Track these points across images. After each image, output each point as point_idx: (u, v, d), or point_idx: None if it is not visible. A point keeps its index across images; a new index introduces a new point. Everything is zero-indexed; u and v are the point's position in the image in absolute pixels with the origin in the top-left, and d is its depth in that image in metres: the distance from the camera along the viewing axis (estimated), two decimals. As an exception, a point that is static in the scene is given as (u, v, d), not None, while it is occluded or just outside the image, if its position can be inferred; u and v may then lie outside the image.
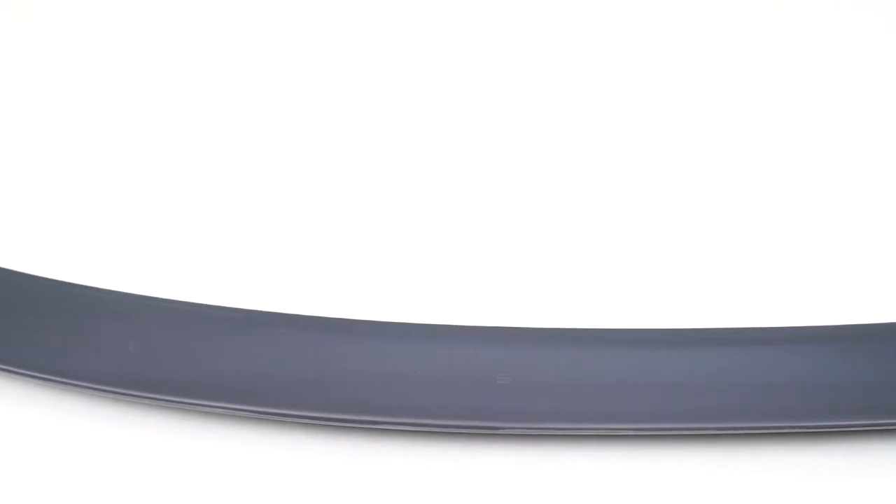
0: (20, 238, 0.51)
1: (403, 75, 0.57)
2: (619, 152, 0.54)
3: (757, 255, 0.50)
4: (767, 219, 0.51)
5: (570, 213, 0.52)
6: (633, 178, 0.53)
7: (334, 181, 0.53)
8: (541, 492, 0.45)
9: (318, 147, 0.54)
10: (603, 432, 0.45)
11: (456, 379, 0.45)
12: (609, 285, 0.49)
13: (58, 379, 0.45)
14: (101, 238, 0.51)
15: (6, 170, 0.54)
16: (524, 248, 0.51)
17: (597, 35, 0.59)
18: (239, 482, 0.46)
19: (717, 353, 0.45)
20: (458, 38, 0.59)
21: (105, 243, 0.51)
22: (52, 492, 0.45)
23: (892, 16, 0.58)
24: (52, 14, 0.60)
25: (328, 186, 0.53)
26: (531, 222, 0.52)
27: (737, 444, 0.45)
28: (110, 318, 0.46)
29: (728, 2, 0.59)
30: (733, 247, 0.50)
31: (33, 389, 0.47)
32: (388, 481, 0.45)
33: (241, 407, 0.45)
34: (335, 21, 0.59)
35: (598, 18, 0.59)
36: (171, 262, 0.50)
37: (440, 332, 0.46)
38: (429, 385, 0.45)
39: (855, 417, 0.44)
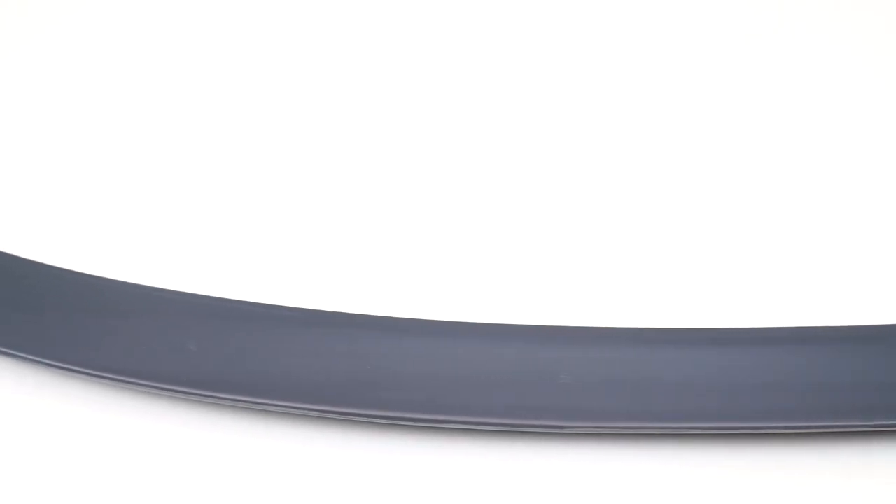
0: (81, 239, 0.52)
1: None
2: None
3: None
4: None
5: (627, 215, 0.52)
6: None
7: (394, 183, 0.54)
8: (604, 490, 0.45)
9: (370, 147, 0.55)
10: (666, 431, 0.45)
11: (519, 378, 0.45)
12: (669, 284, 0.50)
13: (122, 378, 0.46)
14: (162, 238, 0.52)
15: (72, 175, 0.55)
16: (584, 247, 0.51)
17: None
18: (304, 481, 0.46)
19: (792, 351, 0.45)
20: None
21: (164, 243, 0.52)
22: (124, 492, 0.46)
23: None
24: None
25: (391, 189, 0.54)
26: (590, 222, 0.52)
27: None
28: (171, 318, 0.46)
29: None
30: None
31: (97, 389, 0.48)
32: (452, 479, 0.46)
33: (309, 406, 0.45)
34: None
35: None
36: (231, 263, 0.51)
37: (503, 331, 0.46)
38: (493, 384, 0.45)
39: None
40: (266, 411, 0.46)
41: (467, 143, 0.55)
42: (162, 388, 0.45)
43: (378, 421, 0.45)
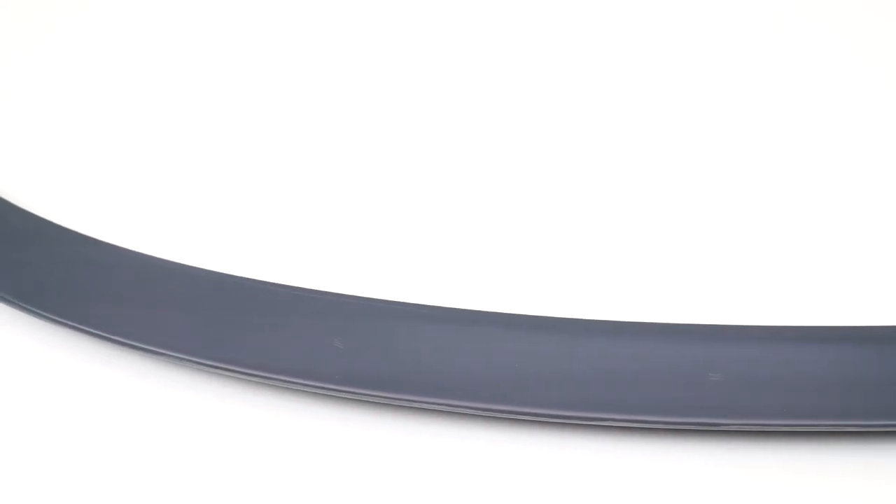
0: (229, 242, 0.55)
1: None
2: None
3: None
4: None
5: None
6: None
7: (529, 183, 0.56)
8: (757, 486, 0.46)
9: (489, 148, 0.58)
10: (815, 428, 0.46)
11: (669, 376, 0.46)
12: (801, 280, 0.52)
13: (272, 376, 0.48)
14: (304, 240, 0.55)
15: (227, 180, 0.58)
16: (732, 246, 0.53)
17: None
18: (455, 479, 0.47)
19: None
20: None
21: (307, 245, 0.55)
22: (272, 491, 0.48)
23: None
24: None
25: (526, 190, 0.56)
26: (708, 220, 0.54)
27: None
28: (318, 318, 0.49)
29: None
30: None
31: (247, 388, 0.50)
32: (603, 477, 0.47)
33: (456, 403, 0.47)
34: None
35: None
36: (369, 261, 0.54)
37: (653, 330, 0.47)
38: (643, 382, 0.46)
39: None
40: (413, 408, 0.48)
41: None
42: (310, 386, 0.48)
43: (530, 419, 0.47)
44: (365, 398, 0.48)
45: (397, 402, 0.47)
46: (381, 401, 0.48)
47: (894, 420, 0.45)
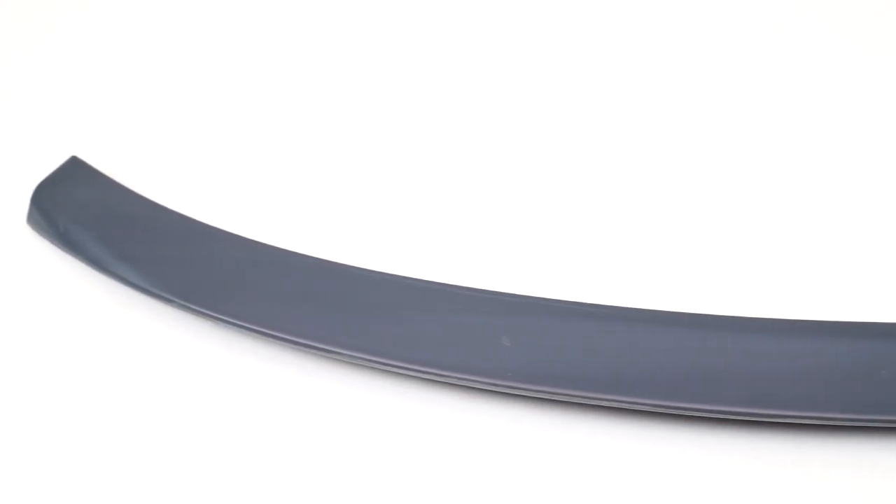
0: (398, 242, 0.56)
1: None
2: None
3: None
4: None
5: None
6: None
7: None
8: None
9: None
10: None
11: (839, 373, 0.47)
12: None
13: (438, 372, 0.49)
14: (471, 237, 0.56)
15: (391, 180, 0.59)
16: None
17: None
18: (630, 478, 0.48)
19: None
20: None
21: (474, 243, 0.56)
22: (446, 487, 0.49)
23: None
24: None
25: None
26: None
27: None
28: (484, 316, 0.50)
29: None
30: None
31: (417, 385, 0.51)
32: (778, 475, 0.48)
33: (621, 399, 0.48)
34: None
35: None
36: (534, 261, 0.54)
37: (821, 328, 0.48)
38: (815, 379, 0.47)
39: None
40: (576, 403, 0.49)
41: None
42: (478, 382, 0.49)
43: (695, 414, 0.47)
44: (531, 394, 0.48)
45: (563, 398, 0.48)
46: (548, 396, 0.48)
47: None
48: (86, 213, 0.58)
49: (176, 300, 0.54)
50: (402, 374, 0.51)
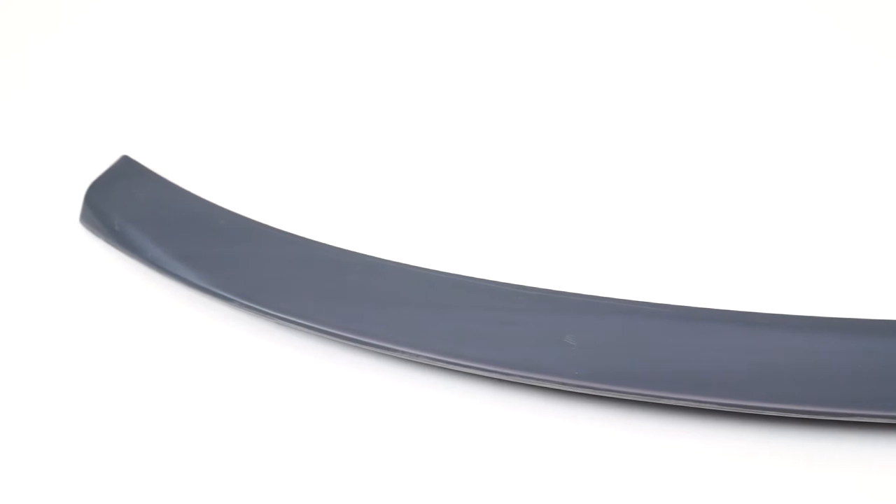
0: (465, 243, 0.56)
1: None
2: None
3: None
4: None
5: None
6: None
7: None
8: None
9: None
10: None
11: None
12: None
13: (503, 371, 0.50)
14: (538, 238, 0.56)
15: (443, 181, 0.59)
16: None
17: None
18: (706, 478, 0.48)
19: None
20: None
21: (539, 244, 0.56)
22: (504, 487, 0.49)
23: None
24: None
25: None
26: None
27: None
28: (549, 315, 0.50)
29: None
30: None
31: (479, 383, 0.51)
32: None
33: (685, 398, 0.48)
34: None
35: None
36: (598, 261, 0.55)
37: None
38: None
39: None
40: (638, 402, 0.49)
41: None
42: (543, 380, 0.49)
43: (775, 413, 0.48)
44: (595, 392, 0.49)
45: (627, 397, 0.48)
46: (612, 395, 0.49)
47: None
48: (139, 211, 0.59)
49: (234, 298, 0.54)
50: (466, 373, 0.51)
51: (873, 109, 0.59)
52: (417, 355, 0.51)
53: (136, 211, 0.59)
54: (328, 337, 0.53)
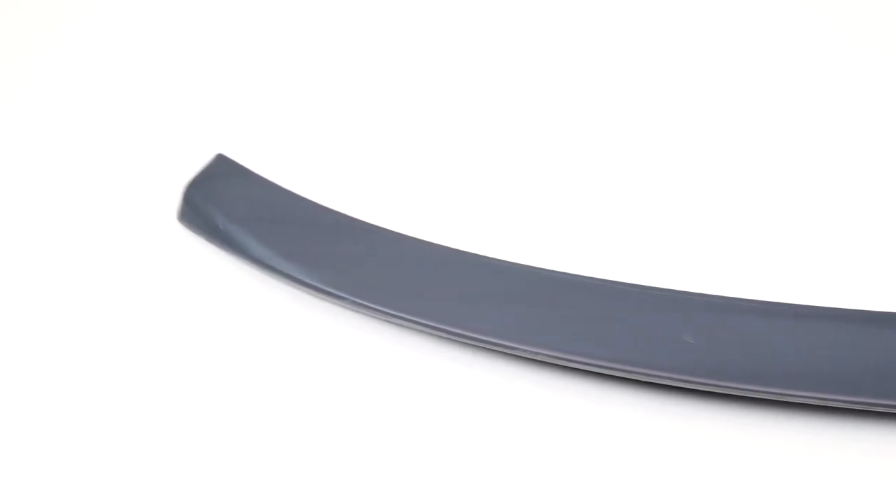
0: (584, 243, 0.57)
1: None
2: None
3: None
4: None
5: None
6: None
7: None
8: None
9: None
10: None
11: None
12: None
13: (625, 368, 0.50)
14: (650, 236, 0.56)
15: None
16: None
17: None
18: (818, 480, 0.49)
19: None
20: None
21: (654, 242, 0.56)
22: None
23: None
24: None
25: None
26: None
27: None
28: (667, 314, 0.51)
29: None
30: None
31: (596, 382, 0.52)
32: None
33: (803, 394, 0.49)
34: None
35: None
36: (713, 260, 0.55)
37: None
38: None
39: None
40: (755, 399, 0.50)
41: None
42: (664, 377, 0.50)
43: (887, 410, 0.48)
44: (714, 389, 0.49)
45: (744, 394, 0.49)
46: (731, 392, 0.49)
47: None
48: (241, 210, 0.59)
49: (347, 296, 0.54)
50: (584, 371, 0.51)
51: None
52: (537, 353, 0.51)
53: (238, 209, 0.59)
54: (439, 334, 0.53)
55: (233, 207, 0.59)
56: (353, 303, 0.54)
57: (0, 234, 0.61)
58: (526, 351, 0.51)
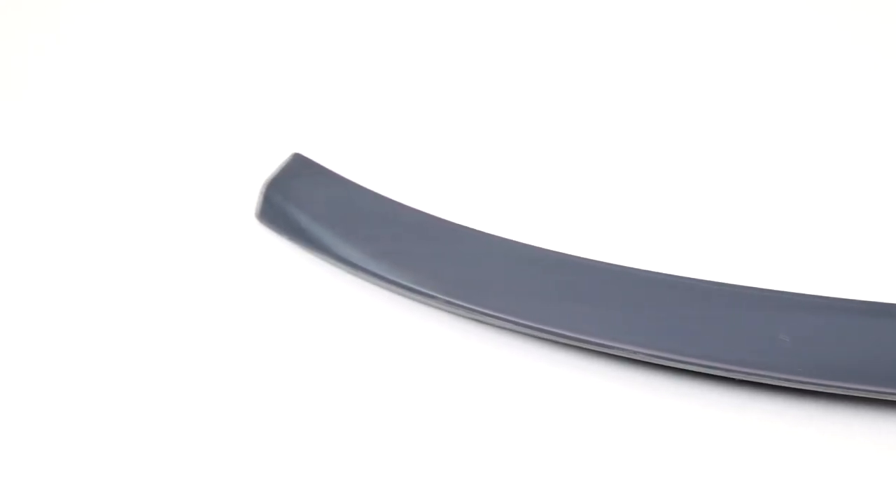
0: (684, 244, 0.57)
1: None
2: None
3: None
4: None
5: None
6: None
7: None
8: None
9: None
10: None
11: None
12: None
13: (726, 367, 0.51)
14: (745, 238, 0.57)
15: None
16: None
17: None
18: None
19: None
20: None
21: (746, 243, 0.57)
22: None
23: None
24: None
25: None
26: None
27: None
28: (763, 313, 0.51)
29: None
30: None
31: (689, 380, 0.53)
32: None
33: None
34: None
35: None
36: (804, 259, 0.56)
37: None
38: None
39: None
40: (852, 397, 0.51)
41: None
42: (760, 376, 0.50)
43: None
44: (809, 388, 0.50)
45: (841, 392, 0.50)
46: (825, 389, 0.50)
47: None
48: (320, 208, 0.59)
49: (438, 295, 0.55)
50: (681, 369, 0.52)
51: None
52: (636, 352, 0.52)
53: (319, 208, 0.59)
54: (535, 333, 0.54)
55: (314, 206, 0.59)
56: (445, 301, 0.55)
57: (85, 233, 0.61)
58: (625, 350, 0.51)
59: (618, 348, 0.52)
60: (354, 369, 0.55)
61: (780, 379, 0.50)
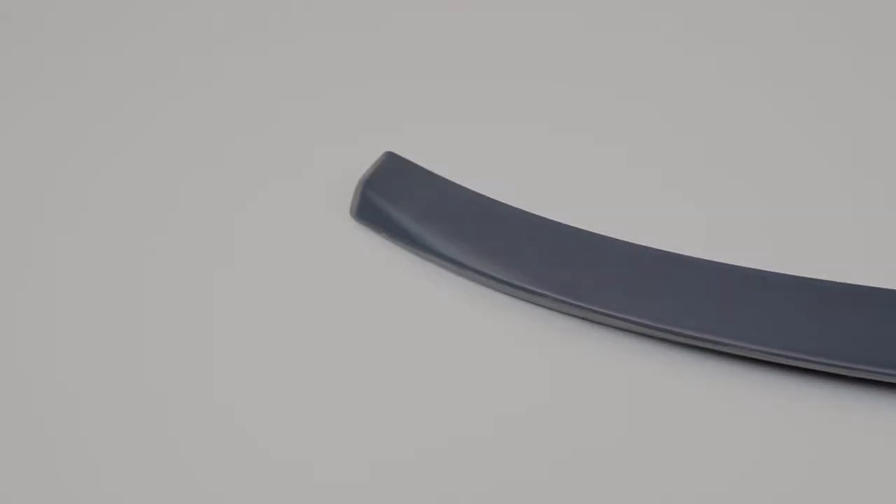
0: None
1: None
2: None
3: None
4: None
5: None
6: None
7: None
8: None
9: None
10: None
11: None
12: None
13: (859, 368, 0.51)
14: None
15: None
16: None
17: None
18: None
19: None
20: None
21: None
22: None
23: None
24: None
25: None
26: None
27: None
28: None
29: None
30: None
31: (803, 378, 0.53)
32: None
33: None
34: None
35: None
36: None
37: None
38: None
39: None
40: None
41: None
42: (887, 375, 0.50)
43: None
44: None
45: None
46: None
47: None
48: (419, 207, 0.59)
49: (550, 294, 0.55)
50: (812, 369, 0.52)
51: None
52: (764, 352, 0.52)
53: (418, 207, 0.59)
54: (650, 332, 0.54)
55: (413, 204, 0.59)
56: (556, 300, 0.55)
57: (182, 234, 0.61)
58: (754, 351, 0.52)
59: (744, 348, 0.52)
60: (463, 367, 0.55)
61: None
